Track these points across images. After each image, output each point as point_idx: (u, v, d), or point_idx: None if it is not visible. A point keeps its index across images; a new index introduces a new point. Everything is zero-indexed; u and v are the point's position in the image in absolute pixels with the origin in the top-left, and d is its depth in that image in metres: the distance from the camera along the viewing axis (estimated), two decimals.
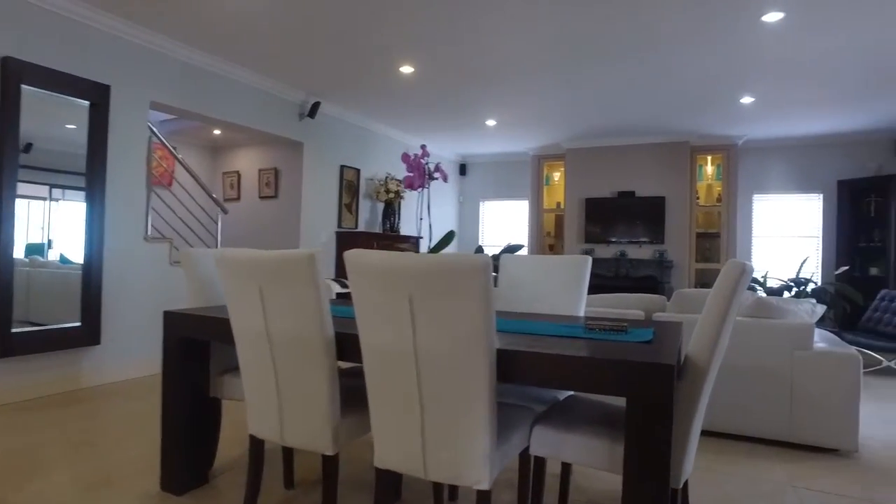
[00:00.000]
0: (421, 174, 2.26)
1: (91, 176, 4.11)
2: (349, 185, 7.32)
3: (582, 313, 2.68)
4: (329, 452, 1.90)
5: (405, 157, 2.33)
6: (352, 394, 2.05)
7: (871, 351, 5.49)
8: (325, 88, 6.17)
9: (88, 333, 4.12)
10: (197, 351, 2.41)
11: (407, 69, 5.44)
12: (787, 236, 7.99)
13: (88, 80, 4.10)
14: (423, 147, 2.39)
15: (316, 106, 6.43)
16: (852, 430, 3.08)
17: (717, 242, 7.95)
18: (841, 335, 5.50)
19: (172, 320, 2.34)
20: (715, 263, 7.92)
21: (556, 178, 9.19)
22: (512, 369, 1.57)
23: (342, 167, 7.13)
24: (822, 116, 6.75)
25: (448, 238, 2.26)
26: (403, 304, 1.55)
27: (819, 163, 7.72)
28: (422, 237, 8.47)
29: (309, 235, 6.72)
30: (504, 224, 10.12)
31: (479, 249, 9.21)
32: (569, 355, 1.51)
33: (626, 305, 3.66)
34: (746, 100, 6.08)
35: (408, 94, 6.28)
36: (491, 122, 7.49)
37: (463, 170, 10.34)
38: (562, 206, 8.87)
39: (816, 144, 7.72)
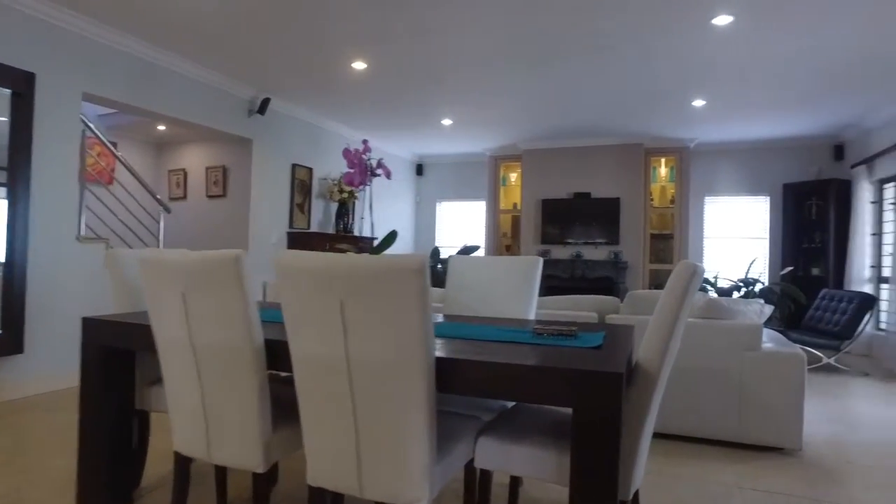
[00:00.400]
0: (363, 170, 2.14)
1: (13, 171, 3.82)
2: (301, 185, 7.11)
3: (533, 316, 2.61)
4: (260, 470, 1.76)
5: (346, 153, 2.21)
6: (287, 405, 1.92)
7: (813, 349, 5.64)
8: (275, 84, 5.97)
9: (10, 341, 3.83)
10: (120, 360, 2.22)
11: (359, 65, 5.29)
12: (736, 237, 8.18)
13: (9, 67, 3.81)
14: (364, 142, 2.27)
15: (266, 102, 6.21)
16: (797, 428, 3.11)
17: (671, 243, 8.07)
18: (786, 334, 5.63)
19: (92, 327, 2.15)
20: (668, 264, 8.04)
21: (512, 179, 9.18)
22: (452, 379, 1.47)
23: (294, 166, 6.92)
24: (769, 121, 6.92)
25: (390, 238, 2.15)
26: (334, 309, 1.43)
27: (766, 166, 7.93)
28: (377, 238, 8.31)
29: (259, 236, 6.49)
30: (461, 225, 10.06)
31: (436, 251, 9.11)
32: (511, 363, 1.42)
33: (579, 307, 3.62)
34: (698, 103, 6.17)
35: (361, 92, 6.13)
36: (447, 122, 7.41)
37: (420, 170, 10.23)
38: (518, 207, 8.86)
39: (764, 148, 7.92)
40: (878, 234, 6.65)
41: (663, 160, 8.22)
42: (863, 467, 3.02)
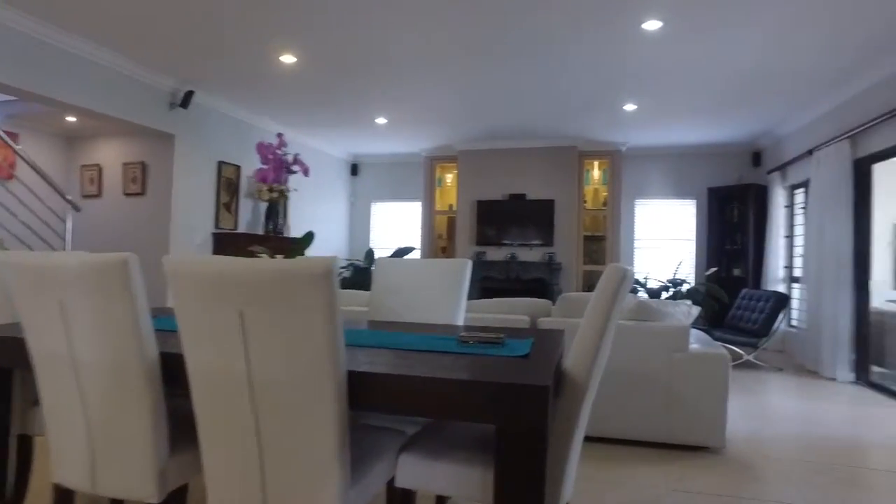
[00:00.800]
0: (278, 166, 1.97)
1: None
2: (228, 183, 6.76)
3: (461, 321, 2.52)
4: (154, 500, 1.57)
5: (259, 148, 2.03)
6: (190, 423, 1.73)
7: (735, 346, 5.86)
8: (199, 76, 5.63)
9: None
10: None
11: (288, 59, 5.07)
12: (665, 239, 8.42)
13: None
14: (279, 136, 2.10)
15: (189, 95, 5.87)
16: (720, 427, 3.17)
17: (604, 245, 8.22)
18: (711, 333, 5.82)
19: None
20: (601, 266, 8.19)
21: (448, 180, 9.11)
22: (365, 394, 1.34)
23: (220, 163, 6.57)
24: (695, 127, 7.16)
25: (307, 239, 2.00)
26: (232, 319, 1.28)
27: (692, 171, 8.21)
28: None
29: (181, 237, 6.11)
30: (397, 226, 9.90)
31: (370, 253, 8.93)
32: (427, 377, 1.31)
33: (512, 310, 3.56)
34: (629, 107, 6.29)
35: (291, 86, 5.89)
36: (381, 121, 7.25)
37: (355, 170, 10.01)
38: (454, 209, 8.80)
39: (690, 154, 8.20)
40: (790, 236, 7.00)
41: (596, 163, 8.37)
42: (779, 461, 3.10)
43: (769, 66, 4.97)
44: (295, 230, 7.99)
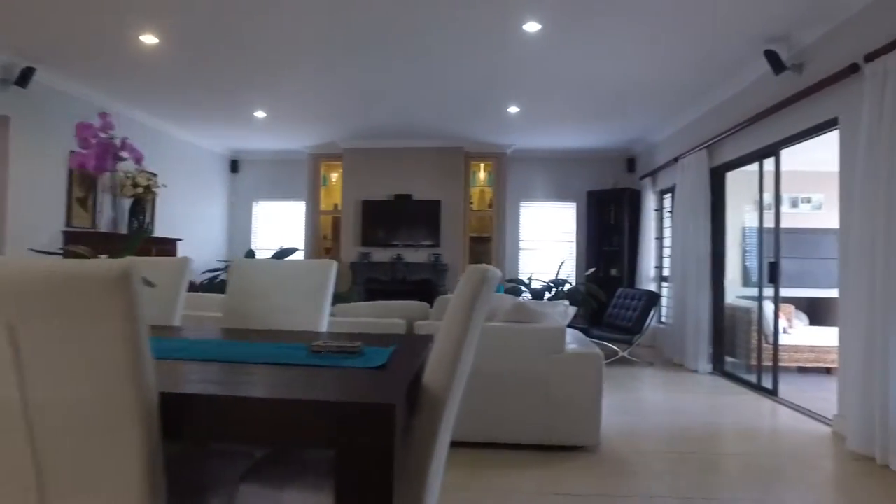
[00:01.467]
0: (102, 152, 1.67)
1: None
2: (83, 176, 6.02)
3: (324, 327, 2.32)
4: None
5: (79, 129, 1.71)
6: None
7: (611, 343, 6.11)
8: (42, 51, 4.94)
9: None
10: None
11: (149, 39, 4.57)
12: (549, 241, 8.67)
13: None
14: (103, 115, 1.79)
15: (28, 72, 5.13)
16: (595, 425, 3.21)
17: (489, 246, 8.31)
18: (589, 331, 6.03)
19: None
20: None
21: (333, 179, 8.80)
22: (182, 420, 1.12)
23: (74, 153, 5.82)
24: (575, 132, 7.42)
25: (137, 238, 1.71)
26: None
27: (573, 174, 8.52)
28: (180, 239, 7.40)
29: (19, 236, 5.34)
30: (280, 226, 9.41)
31: (251, 254, 8.40)
32: (252, 397, 1.11)
33: (388, 314, 3.41)
34: (513, 109, 6.37)
35: (154, 71, 5.34)
36: (260, 114, 6.82)
37: (235, 166, 9.39)
38: (339, 208, 8.51)
39: (571, 158, 8.51)
40: (660, 238, 7.46)
41: (482, 164, 8.45)
42: (649, 455, 3.20)
43: (642, 77, 5.22)
44: (165, 229, 7.32)
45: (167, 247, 6.84)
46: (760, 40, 4.34)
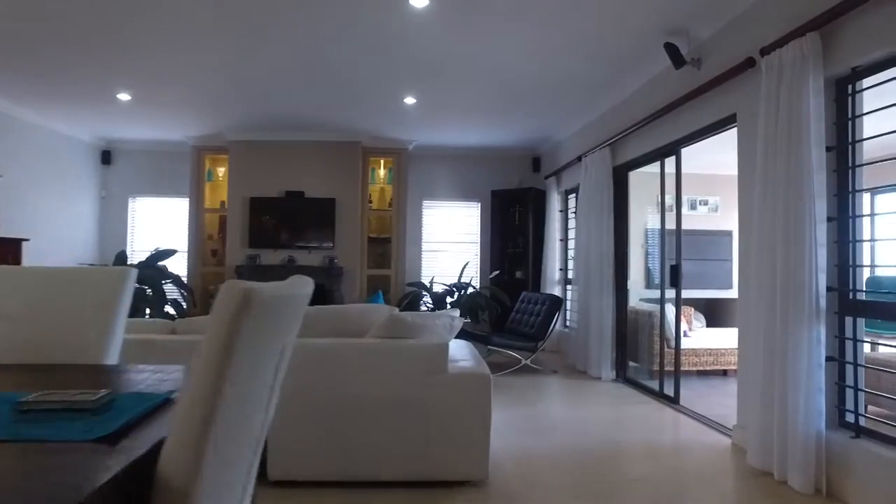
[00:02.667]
0: None
1: None
2: None
3: (116, 357, 1.74)
4: None
5: None
6: None
7: (513, 351, 5.79)
8: None
9: None
10: None
11: None
12: (453, 242, 8.30)
13: None
14: None
15: None
16: (483, 456, 2.79)
17: (390, 248, 7.82)
18: (490, 339, 5.67)
19: None
20: (387, 269, 7.77)
21: (220, 174, 7.99)
22: None
23: None
24: (479, 128, 7.09)
25: None
26: None
27: (478, 173, 8.20)
28: (27, 239, 6.34)
29: None
30: (160, 226, 8.44)
31: (122, 255, 7.43)
32: None
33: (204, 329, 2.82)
34: (409, 100, 5.92)
35: None
36: (125, 96, 5.95)
37: (106, 157, 8.32)
38: (227, 206, 7.72)
39: (475, 156, 8.18)
40: (564, 239, 7.28)
41: (382, 161, 7.95)
42: (545, 487, 2.83)
43: (543, 69, 4.93)
44: (13, 227, 6.25)
45: (5, 248, 5.82)
46: (661, 33, 4.14)
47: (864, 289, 2.85)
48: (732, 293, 7.68)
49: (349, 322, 2.90)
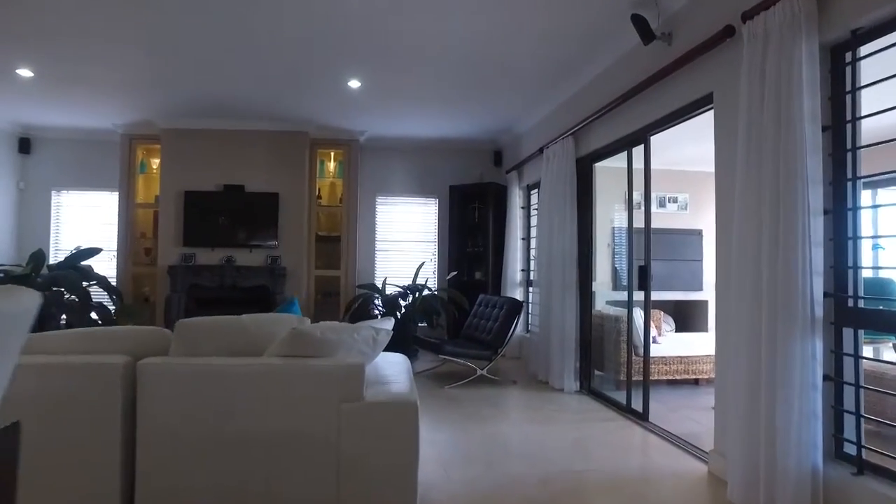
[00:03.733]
0: None
1: None
2: None
3: None
4: None
5: None
6: None
7: (468, 360, 5.26)
8: None
9: None
10: None
11: None
12: (409, 241, 7.74)
13: None
14: None
15: None
16: (410, 495, 2.26)
17: (340, 246, 7.23)
18: (441, 347, 5.13)
19: None
20: (336, 270, 7.18)
21: (154, 166, 7.28)
22: None
23: None
24: (435, 118, 6.56)
25: None
26: None
27: (435, 167, 7.66)
28: None
29: None
30: (88, 221, 7.67)
31: (40, 255, 6.67)
32: None
33: (105, 346, 2.24)
34: (354, 83, 5.35)
35: None
36: (26, 73, 5.23)
37: (25, 146, 7.52)
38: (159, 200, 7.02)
39: (432, 148, 7.64)
40: (526, 238, 6.79)
41: (332, 153, 7.36)
42: None
43: (502, 50, 4.44)
44: None
45: None
46: (628, 4, 3.66)
47: (865, 294, 2.39)
48: (703, 295, 7.31)
49: (246, 337, 2.33)
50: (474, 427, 3.87)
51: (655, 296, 7.20)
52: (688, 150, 6.47)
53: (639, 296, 4.42)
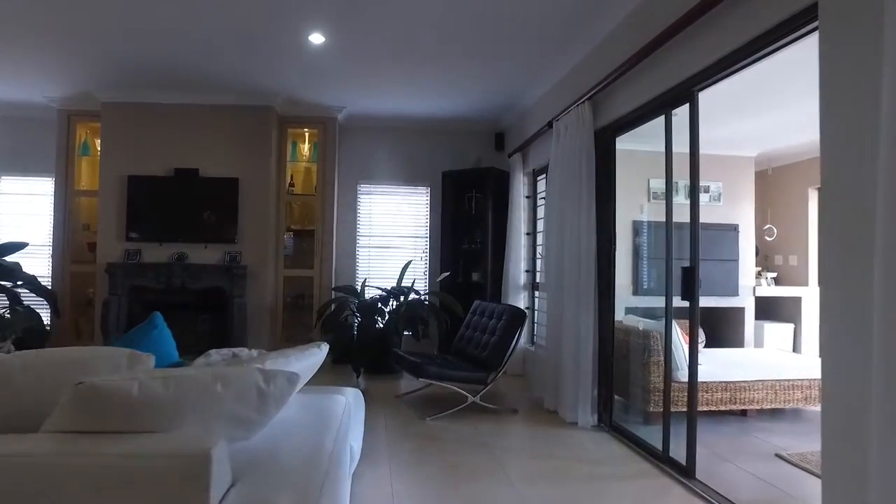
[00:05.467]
0: None
1: None
2: None
3: None
4: None
5: None
6: None
7: (456, 384, 4.21)
8: None
9: None
10: None
11: None
12: (396, 236, 6.69)
13: None
14: None
15: None
16: None
17: (314, 242, 6.20)
18: (423, 368, 4.07)
19: None
20: (309, 269, 6.15)
21: (99, 147, 6.27)
22: None
23: None
24: (423, 92, 5.52)
25: None
26: None
27: (426, 151, 6.61)
28: None
29: None
30: (21, 210, 6.64)
31: None
32: None
33: None
34: (317, 38, 4.30)
35: None
36: None
37: None
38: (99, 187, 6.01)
39: (423, 129, 6.58)
40: (532, 233, 5.74)
41: (307, 134, 6.33)
42: None
43: (492, 6, 3.39)
44: None
45: None
46: None
47: None
48: (739, 301, 6.22)
49: (11, 397, 1.29)
50: (456, 487, 2.83)
51: (678, 302, 6.22)
52: (721, 130, 5.41)
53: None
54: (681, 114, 3.23)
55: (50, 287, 5.99)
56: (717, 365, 4.29)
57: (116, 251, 5.66)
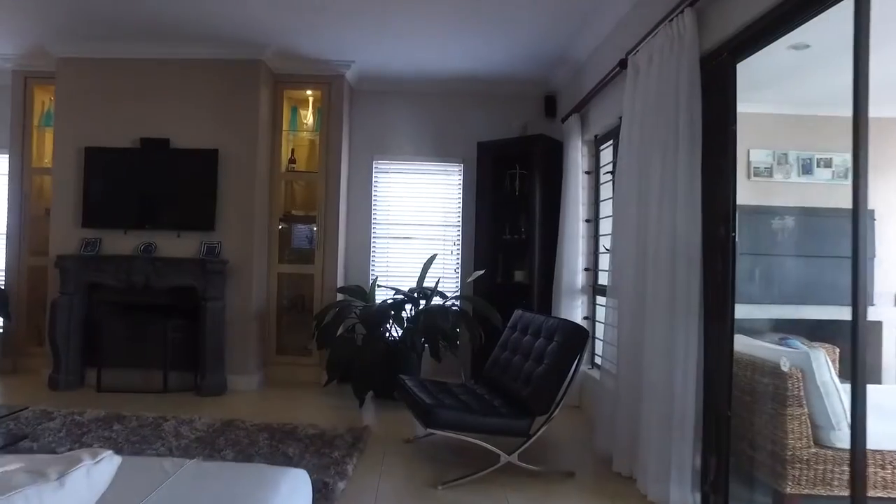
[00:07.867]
0: None
1: None
2: None
3: None
4: None
5: None
6: None
7: (483, 437, 2.88)
8: None
9: None
10: None
11: None
12: (419, 224, 5.38)
13: None
14: None
15: None
16: None
17: (317, 231, 4.99)
18: (435, 413, 2.76)
19: None
20: (308, 264, 4.94)
21: (54, 113, 5.23)
22: None
23: None
24: (452, 40, 4.22)
25: None
26: None
27: (458, 118, 5.28)
28: None
29: None
30: None
31: None
32: None
33: None
34: None
35: None
36: None
37: None
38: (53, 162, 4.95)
39: (453, 91, 5.25)
40: (593, 219, 4.35)
41: (311, 98, 5.12)
42: None
43: None
44: None
45: None
46: None
47: None
48: (874, 313, 4.66)
49: None
50: None
51: (779, 311, 4.87)
52: (845, 76, 3.88)
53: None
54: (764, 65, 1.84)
55: (2, 284, 5.01)
56: (886, 418, 2.80)
57: (72, 241, 4.59)
